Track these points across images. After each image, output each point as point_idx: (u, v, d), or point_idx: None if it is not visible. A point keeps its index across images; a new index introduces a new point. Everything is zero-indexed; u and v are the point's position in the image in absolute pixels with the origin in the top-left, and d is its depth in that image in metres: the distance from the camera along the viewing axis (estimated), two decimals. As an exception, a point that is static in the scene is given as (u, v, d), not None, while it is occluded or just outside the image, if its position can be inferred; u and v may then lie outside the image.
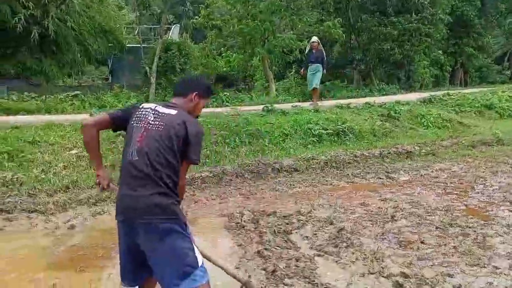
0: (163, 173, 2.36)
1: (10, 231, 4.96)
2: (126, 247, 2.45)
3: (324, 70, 11.51)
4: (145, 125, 2.45)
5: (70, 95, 15.74)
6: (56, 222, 5.23)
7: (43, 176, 6.34)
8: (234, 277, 2.80)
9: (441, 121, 11.10)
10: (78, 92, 16.72)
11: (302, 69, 11.98)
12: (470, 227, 4.66)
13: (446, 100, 12.92)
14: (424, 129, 10.61)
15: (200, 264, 2.39)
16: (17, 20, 8.89)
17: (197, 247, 2.46)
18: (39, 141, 7.22)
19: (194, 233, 2.63)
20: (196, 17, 16.18)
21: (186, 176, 2.59)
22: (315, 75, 11.25)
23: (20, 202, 5.53)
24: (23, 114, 9.87)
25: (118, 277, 3.69)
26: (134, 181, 2.37)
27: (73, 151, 7.20)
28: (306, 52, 11.59)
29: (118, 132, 2.79)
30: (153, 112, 2.50)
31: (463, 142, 9.41)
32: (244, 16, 14.48)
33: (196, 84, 2.74)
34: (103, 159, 3.10)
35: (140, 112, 2.53)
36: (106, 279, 3.72)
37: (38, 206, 5.53)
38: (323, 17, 17.08)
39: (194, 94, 2.65)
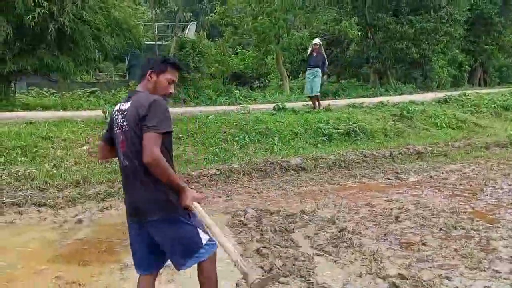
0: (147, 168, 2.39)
1: (20, 224, 5.11)
2: (140, 241, 2.63)
3: (325, 76, 11.15)
4: (120, 129, 2.52)
5: (87, 91, 16.09)
6: (64, 216, 5.38)
7: (55, 171, 6.50)
8: (236, 264, 2.79)
9: (456, 121, 10.94)
10: (95, 88, 17.08)
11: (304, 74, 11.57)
12: (474, 230, 4.60)
13: (462, 101, 12.72)
14: (438, 129, 10.47)
15: (204, 243, 2.55)
16: (31, 18, 9.05)
17: (209, 226, 2.53)
18: (52, 137, 7.41)
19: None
20: (211, 14, 16.26)
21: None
22: (314, 81, 10.54)
23: (31, 196, 5.70)
24: (39, 110, 10.10)
25: (119, 271, 3.80)
26: (132, 185, 2.52)
27: (85, 147, 7.36)
28: (308, 54, 10.98)
29: None
30: (120, 112, 2.55)
31: (476, 143, 9.26)
32: (258, 14, 14.52)
33: (151, 62, 2.67)
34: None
35: (114, 117, 2.59)
36: (107, 273, 3.80)
37: (48, 200, 5.69)
38: (338, 15, 16.98)
39: (149, 72, 2.60)
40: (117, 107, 2.61)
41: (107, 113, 8.56)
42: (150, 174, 2.39)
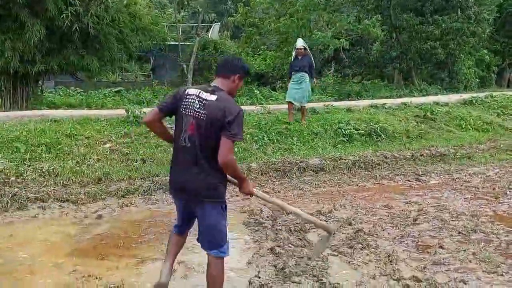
0: (210, 157, 2.72)
1: (42, 219, 5.26)
2: (182, 211, 3.06)
3: (314, 80, 9.43)
4: (193, 114, 2.74)
5: (112, 91, 16.41)
6: (85, 211, 5.50)
7: (78, 168, 6.66)
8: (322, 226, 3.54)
9: (481, 123, 10.69)
10: (120, 88, 17.40)
11: (288, 81, 9.61)
12: (494, 234, 4.50)
13: (488, 102, 12.42)
14: (462, 131, 10.26)
15: (227, 240, 2.92)
16: (64, 17, 9.33)
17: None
18: (75, 135, 7.59)
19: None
20: (234, 14, 16.35)
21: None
22: (301, 88, 8.87)
23: (54, 192, 5.86)
24: (65, 108, 10.37)
25: (135, 266, 3.88)
26: (187, 164, 2.78)
27: (107, 145, 7.51)
28: (292, 59, 9.38)
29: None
30: (198, 99, 2.76)
31: (501, 146, 9.02)
32: (281, 14, 14.52)
33: (238, 66, 2.92)
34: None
35: (187, 100, 2.80)
36: (124, 267, 3.88)
37: (71, 196, 5.83)
38: (361, 14, 16.81)
39: (237, 75, 2.88)
40: (193, 91, 2.81)
41: (130, 112, 8.72)
42: (208, 162, 2.72)
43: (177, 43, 18.94)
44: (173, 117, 2.93)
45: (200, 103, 2.73)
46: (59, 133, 7.50)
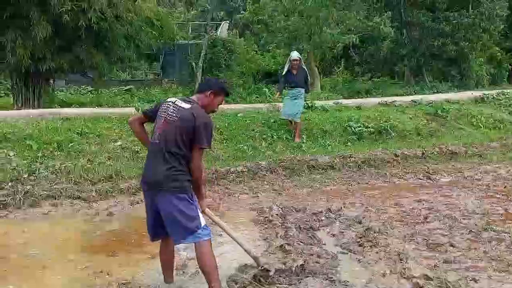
0: (176, 154, 2.99)
1: (54, 216, 5.33)
2: (151, 211, 3.16)
3: (307, 94, 9.10)
4: (165, 115, 3.07)
5: (123, 89, 16.51)
6: (97, 209, 5.56)
7: (89, 165, 6.71)
8: (246, 251, 3.38)
9: (493, 121, 10.57)
10: (131, 86, 17.50)
11: (278, 93, 9.26)
12: (505, 232, 4.46)
13: (500, 100, 12.25)
14: (473, 129, 10.14)
15: (202, 225, 3.04)
16: (65, 11, 9.33)
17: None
18: (87, 133, 7.65)
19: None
20: (243, 12, 16.35)
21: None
22: (296, 105, 8.49)
23: (66, 189, 5.91)
24: (76, 106, 10.46)
25: (145, 262, 3.92)
26: (155, 158, 3.05)
27: (118, 143, 7.56)
28: (284, 72, 8.78)
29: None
30: (173, 105, 3.09)
31: (513, 144, 8.92)
32: (290, 12, 14.49)
33: (213, 84, 3.31)
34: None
35: (164, 106, 3.14)
36: (134, 264, 3.93)
37: (82, 194, 5.90)
38: (371, 12, 16.70)
39: (210, 91, 3.19)
40: (171, 100, 3.16)
41: (140, 110, 8.77)
42: (173, 157, 2.98)
43: (186, 41, 18.96)
44: None
45: (174, 108, 3.07)
46: (70, 131, 7.57)
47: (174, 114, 3.03)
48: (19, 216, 5.28)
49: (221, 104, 3.32)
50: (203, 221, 3.07)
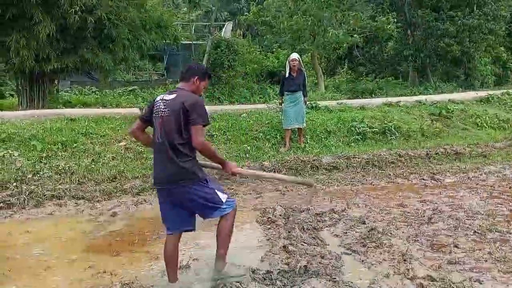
0: (180, 145, 3.13)
1: (58, 216, 5.36)
2: (166, 205, 3.31)
3: (306, 98, 8.54)
4: (161, 114, 3.19)
5: (127, 89, 16.55)
6: (100, 209, 5.58)
7: (93, 166, 6.75)
8: (298, 182, 3.90)
9: (497, 121, 10.51)
10: (135, 87, 17.54)
11: (280, 100, 8.76)
12: (510, 233, 4.43)
13: (505, 100, 12.19)
14: (478, 129, 10.09)
15: (224, 200, 3.32)
16: (73, 12, 9.37)
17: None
18: (91, 133, 7.69)
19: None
20: (246, 14, 16.36)
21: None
22: (300, 111, 8.18)
23: (70, 190, 5.96)
24: (80, 107, 10.50)
25: (148, 262, 3.92)
26: (162, 157, 3.18)
27: (122, 143, 7.59)
28: (287, 74, 8.27)
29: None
30: (163, 101, 3.23)
31: (518, 144, 8.86)
32: (294, 12, 14.47)
33: (197, 70, 3.40)
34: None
35: (156, 105, 3.26)
36: (137, 264, 3.93)
37: (86, 194, 5.93)
38: (375, 13, 16.67)
39: (196, 78, 3.33)
40: (159, 97, 3.29)
41: (144, 111, 8.78)
42: (177, 151, 3.11)
43: (190, 42, 19.00)
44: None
45: (164, 103, 3.19)
46: (74, 131, 7.61)
47: (166, 109, 3.16)
48: (23, 216, 5.31)
49: (205, 88, 3.52)
50: (222, 196, 3.31)
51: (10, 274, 3.74)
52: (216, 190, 3.30)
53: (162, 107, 3.19)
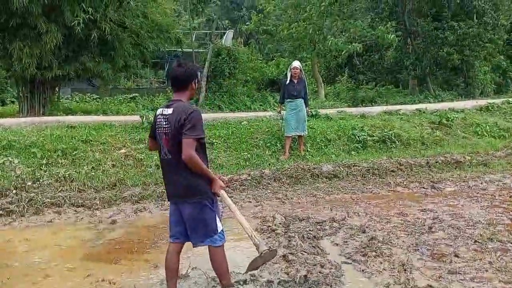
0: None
1: (58, 223, 5.34)
2: (175, 215, 3.29)
3: (308, 108, 8.58)
4: (164, 130, 3.13)
5: (128, 97, 16.58)
6: (100, 216, 5.57)
7: (93, 173, 6.75)
8: (250, 237, 3.32)
9: (498, 130, 10.53)
10: (136, 94, 17.57)
11: (279, 108, 8.96)
12: (511, 243, 4.41)
13: (505, 109, 12.21)
14: (478, 138, 10.10)
15: (219, 230, 3.21)
16: (76, 23, 9.46)
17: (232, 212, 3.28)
18: (91, 140, 7.69)
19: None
20: (247, 23, 16.45)
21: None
22: (301, 119, 8.20)
23: (70, 197, 5.95)
24: (81, 114, 10.51)
25: (148, 271, 3.91)
26: (171, 172, 3.17)
27: (122, 151, 7.59)
28: (287, 82, 8.31)
29: None
30: (163, 116, 3.15)
31: (519, 153, 8.86)
32: (294, 21, 14.56)
33: (191, 73, 3.20)
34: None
35: (157, 120, 3.20)
36: (136, 271, 3.91)
37: (86, 201, 5.93)
38: (375, 21, 16.75)
39: (193, 82, 3.21)
40: (159, 112, 3.21)
41: (144, 118, 8.81)
42: (184, 167, 3.03)
43: (191, 50, 19.09)
44: None
45: (165, 119, 3.12)
46: (75, 139, 7.61)
47: (167, 125, 3.10)
48: (23, 223, 5.30)
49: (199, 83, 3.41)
50: (219, 226, 3.22)
51: (9, 282, 3.72)
52: (216, 216, 3.22)
53: (164, 123, 3.11)
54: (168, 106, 3.16)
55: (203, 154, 3.18)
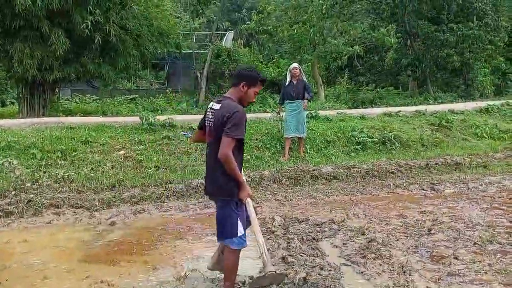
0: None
1: (56, 225, 5.33)
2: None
3: (305, 101, 8.21)
4: (209, 124, 3.25)
5: (128, 98, 16.60)
6: (99, 218, 5.55)
7: (92, 174, 6.73)
8: (261, 255, 3.34)
9: (497, 132, 10.52)
10: (135, 95, 17.60)
11: (278, 109, 8.98)
12: (510, 245, 4.40)
13: (504, 110, 12.21)
14: (478, 140, 10.10)
15: (239, 234, 3.20)
16: (84, 26, 9.49)
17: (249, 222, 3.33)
18: (90, 141, 7.69)
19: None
20: (248, 23, 16.46)
21: None
22: (301, 120, 8.14)
23: (69, 198, 5.93)
24: (81, 115, 10.51)
25: (146, 273, 3.90)
26: (208, 168, 3.29)
27: (121, 152, 7.58)
28: (287, 83, 8.37)
29: None
30: (211, 110, 3.26)
31: (518, 154, 8.86)
32: (294, 22, 14.56)
33: (245, 75, 3.28)
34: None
35: (207, 113, 3.30)
36: (135, 273, 3.90)
37: (85, 203, 5.91)
38: (376, 23, 16.76)
39: (242, 84, 3.23)
40: (210, 105, 3.32)
41: (144, 119, 8.80)
42: (220, 164, 3.08)
43: (191, 51, 19.12)
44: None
45: (212, 113, 3.21)
46: (74, 140, 7.60)
47: (212, 119, 3.19)
48: (22, 225, 5.28)
49: (257, 94, 3.34)
50: (241, 231, 3.21)
51: (8, 283, 3.71)
52: (239, 220, 3.20)
53: (210, 116, 3.22)
54: (218, 101, 3.24)
55: (239, 155, 3.21)
